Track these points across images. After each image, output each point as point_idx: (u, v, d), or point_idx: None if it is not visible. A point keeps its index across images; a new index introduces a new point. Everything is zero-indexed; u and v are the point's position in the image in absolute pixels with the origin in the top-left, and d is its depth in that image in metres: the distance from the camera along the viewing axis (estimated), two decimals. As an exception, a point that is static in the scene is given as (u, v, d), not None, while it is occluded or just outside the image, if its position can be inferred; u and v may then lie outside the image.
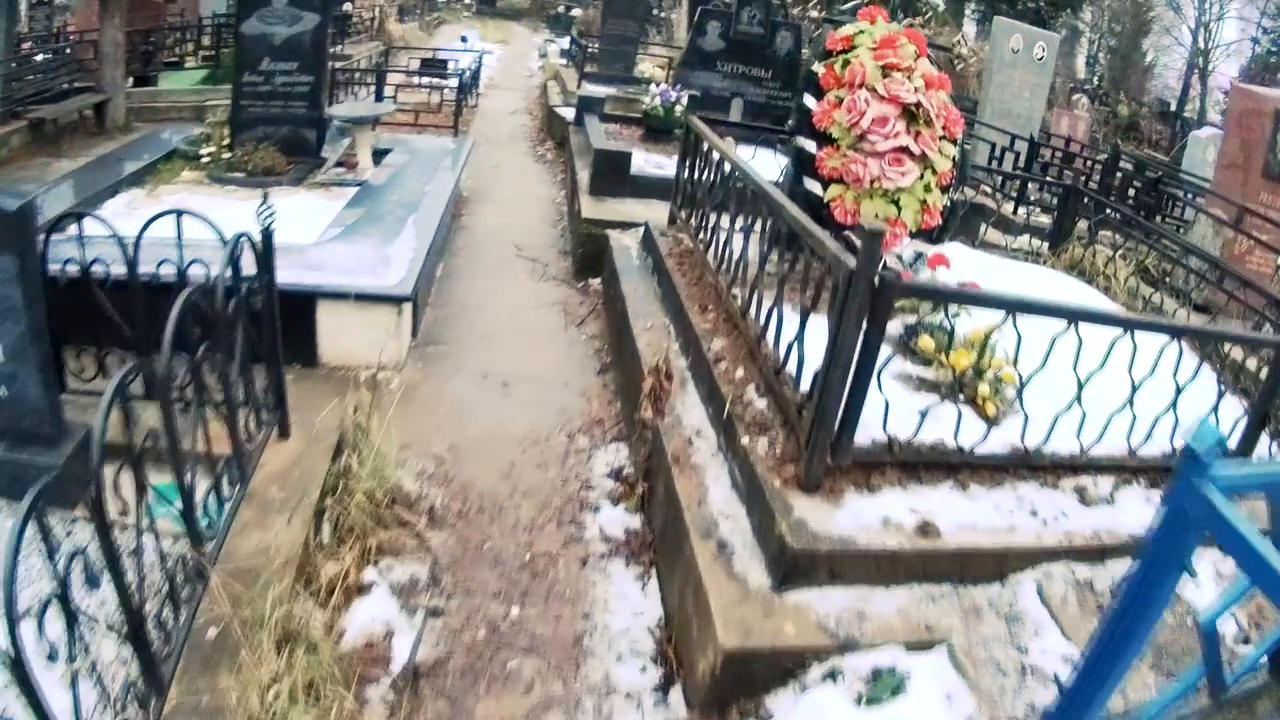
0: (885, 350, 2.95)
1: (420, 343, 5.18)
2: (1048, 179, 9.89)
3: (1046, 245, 7.10)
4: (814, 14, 12.46)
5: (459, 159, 7.76)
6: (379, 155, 7.55)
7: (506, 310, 5.82)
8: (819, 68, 4.67)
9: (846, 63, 4.49)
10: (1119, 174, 9.42)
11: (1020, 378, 3.29)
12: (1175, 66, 35.59)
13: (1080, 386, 3.21)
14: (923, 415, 3.20)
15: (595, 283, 6.28)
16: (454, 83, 9.84)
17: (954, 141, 4.55)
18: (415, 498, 3.81)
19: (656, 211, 6.36)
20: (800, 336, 3.26)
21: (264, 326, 3.43)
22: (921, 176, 4.38)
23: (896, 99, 4.27)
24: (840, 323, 2.85)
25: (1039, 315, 3.10)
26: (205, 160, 6.99)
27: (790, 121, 9.42)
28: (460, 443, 4.24)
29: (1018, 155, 9.64)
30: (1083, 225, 6.86)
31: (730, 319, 4.24)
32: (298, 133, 7.21)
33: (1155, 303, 6.07)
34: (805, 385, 3.19)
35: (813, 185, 4.62)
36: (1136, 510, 3.39)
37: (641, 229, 6.05)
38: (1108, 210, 7.24)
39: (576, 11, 25.60)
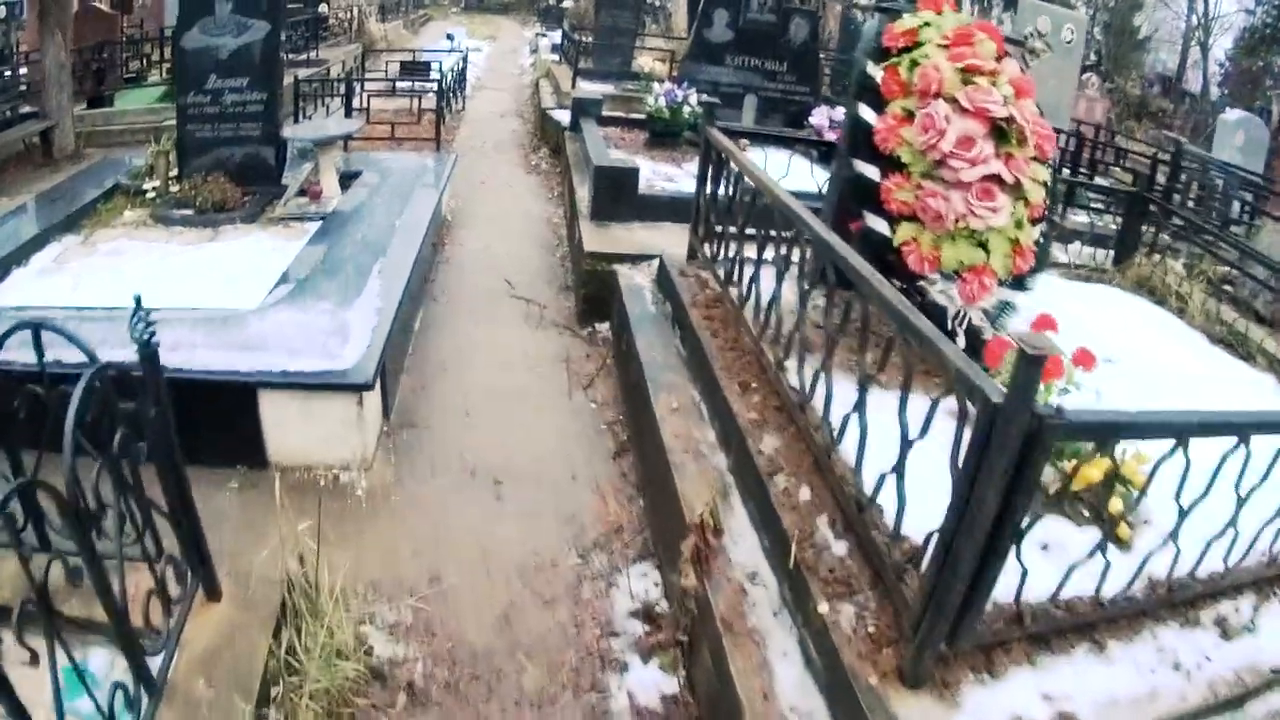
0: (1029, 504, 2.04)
1: (394, 425, 4.26)
2: (1110, 187, 8.90)
3: (1110, 259, 6.16)
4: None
5: (440, 179, 6.82)
6: (348, 179, 6.64)
7: (498, 370, 4.90)
8: (876, 70, 3.72)
9: (914, 64, 3.54)
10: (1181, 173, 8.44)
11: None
12: (1168, 39, 34.39)
13: (1240, 504, 2.45)
14: (1069, 572, 2.32)
15: (603, 328, 5.36)
16: (438, 87, 8.83)
17: (1045, 163, 3.59)
18: (389, 667, 2.89)
19: (670, 238, 5.45)
20: (901, 470, 2.32)
21: (164, 471, 2.49)
22: (1013, 210, 3.43)
23: (984, 113, 3.32)
24: (977, 475, 1.93)
25: (1217, 435, 2.28)
26: (151, 196, 6.09)
27: (802, 126, 8.50)
28: (444, 573, 3.33)
29: (1063, 153, 8.66)
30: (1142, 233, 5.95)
31: (782, 404, 3.31)
32: (252, 158, 6.35)
33: (1239, 328, 5.12)
34: (904, 527, 2.30)
35: (877, 222, 3.68)
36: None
37: (655, 263, 5.12)
38: (1173, 218, 6.31)
39: (568, 3, 24.51)
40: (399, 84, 10.45)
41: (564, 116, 9.28)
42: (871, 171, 3.72)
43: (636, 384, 4.13)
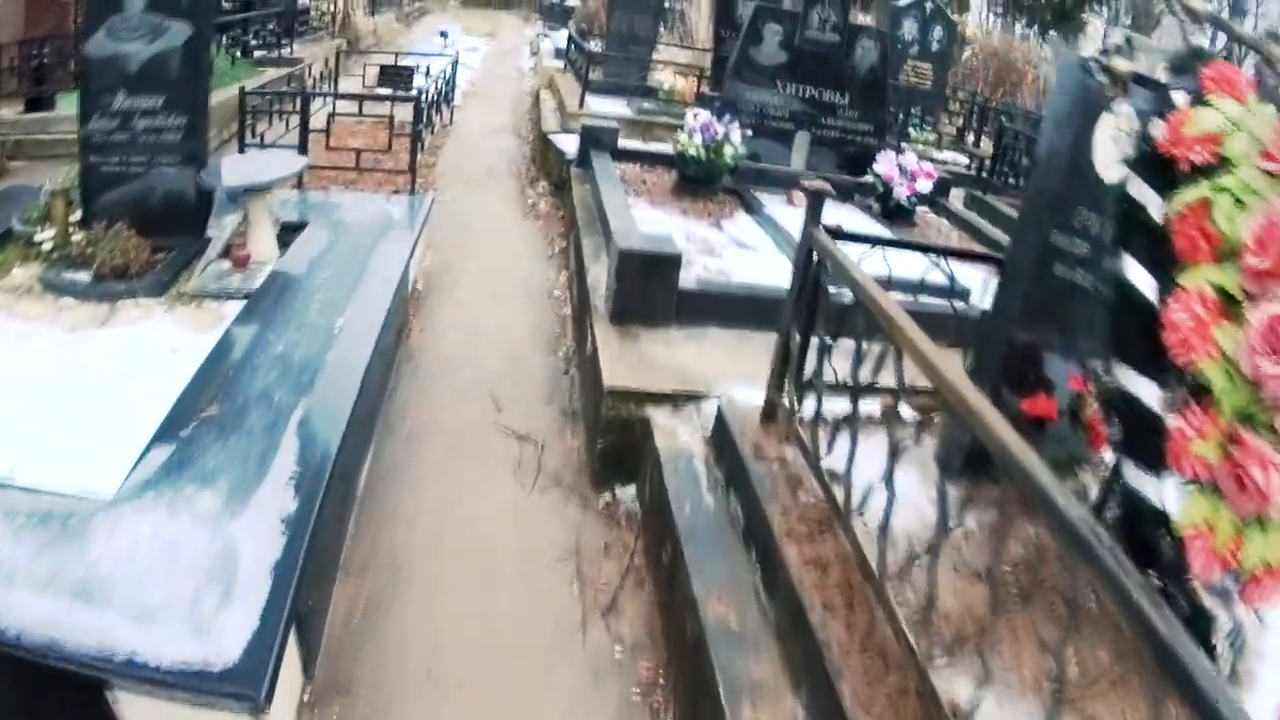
0: None
1: (318, 691, 2.57)
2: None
3: None
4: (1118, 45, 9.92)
5: (409, 235, 5.11)
6: (291, 231, 4.98)
7: (478, 580, 3.18)
8: (1160, 209, 2.02)
9: (1238, 201, 1.84)
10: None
11: None
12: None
13: None
14: None
15: (625, 495, 3.64)
16: (415, 105, 7.04)
17: None
18: None
19: (723, 355, 3.85)
20: None
21: None
22: None
23: None
24: None
25: None
26: (48, 248, 4.50)
27: (862, 172, 6.73)
28: None
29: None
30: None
31: None
32: (169, 202, 4.73)
33: None
34: None
35: (1154, 484, 1.99)
36: None
37: (707, 408, 3.43)
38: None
39: (573, 1, 22.74)
40: (374, 96, 8.67)
41: (569, 144, 7.57)
42: (1145, 390, 2.03)
43: (695, 655, 2.44)
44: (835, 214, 6.13)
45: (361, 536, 3.30)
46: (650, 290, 4.02)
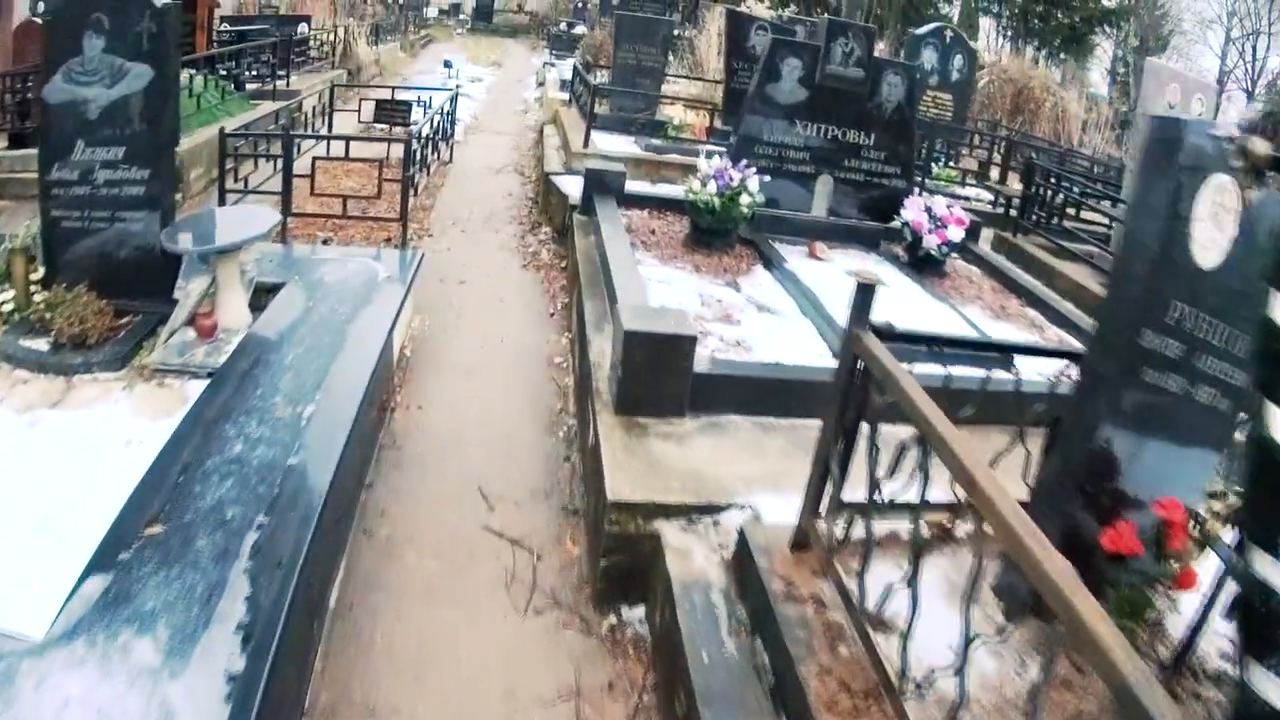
0: None
1: None
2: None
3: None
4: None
5: (394, 298, 4.67)
6: (266, 293, 4.56)
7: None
8: None
9: None
10: None
11: None
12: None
13: None
14: None
15: (633, 618, 3.16)
16: (406, 149, 6.60)
17: None
18: None
19: (743, 450, 3.39)
20: None
21: None
22: None
23: None
24: None
25: None
26: (7, 309, 4.19)
27: (887, 219, 6.26)
28: None
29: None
30: None
31: None
32: (134, 262, 4.33)
33: None
34: None
35: None
36: None
37: (726, 523, 2.97)
38: None
39: (580, 29, 22.46)
40: (362, 137, 8.26)
41: (572, 187, 7.14)
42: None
43: None
44: (860, 264, 5.71)
45: (330, 674, 2.83)
46: (660, 377, 3.55)
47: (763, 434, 3.67)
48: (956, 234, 6.16)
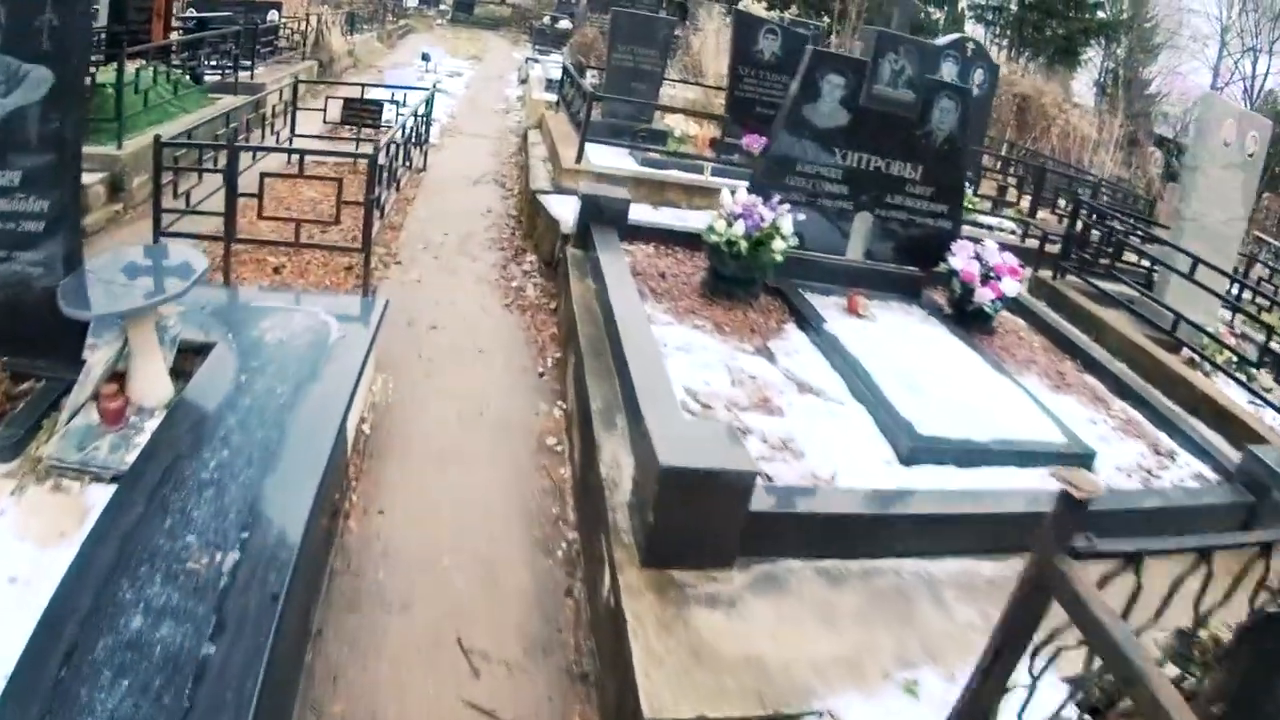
0: None
1: None
2: None
3: None
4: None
5: (353, 365, 3.69)
6: (193, 354, 3.62)
7: None
8: None
9: None
10: None
11: None
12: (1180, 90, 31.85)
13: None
14: None
15: None
16: (372, 165, 5.52)
17: None
18: None
19: (812, 617, 2.56)
20: None
21: None
22: None
23: None
24: None
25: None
26: None
27: (933, 264, 5.36)
28: None
29: None
30: None
31: None
32: (34, 315, 3.38)
33: None
34: None
35: None
36: None
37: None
38: None
39: (565, 24, 21.42)
40: (320, 151, 7.21)
41: (564, 210, 6.18)
42: None
43: None
44: (898, 320, 4.84)
45: None
46: (705, 521, 2.60)
47: (830, 588, 2.74)
48: (1012, 287, 5.28)
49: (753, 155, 9.01)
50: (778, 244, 4.68)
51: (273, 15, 13.27)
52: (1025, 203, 10.15)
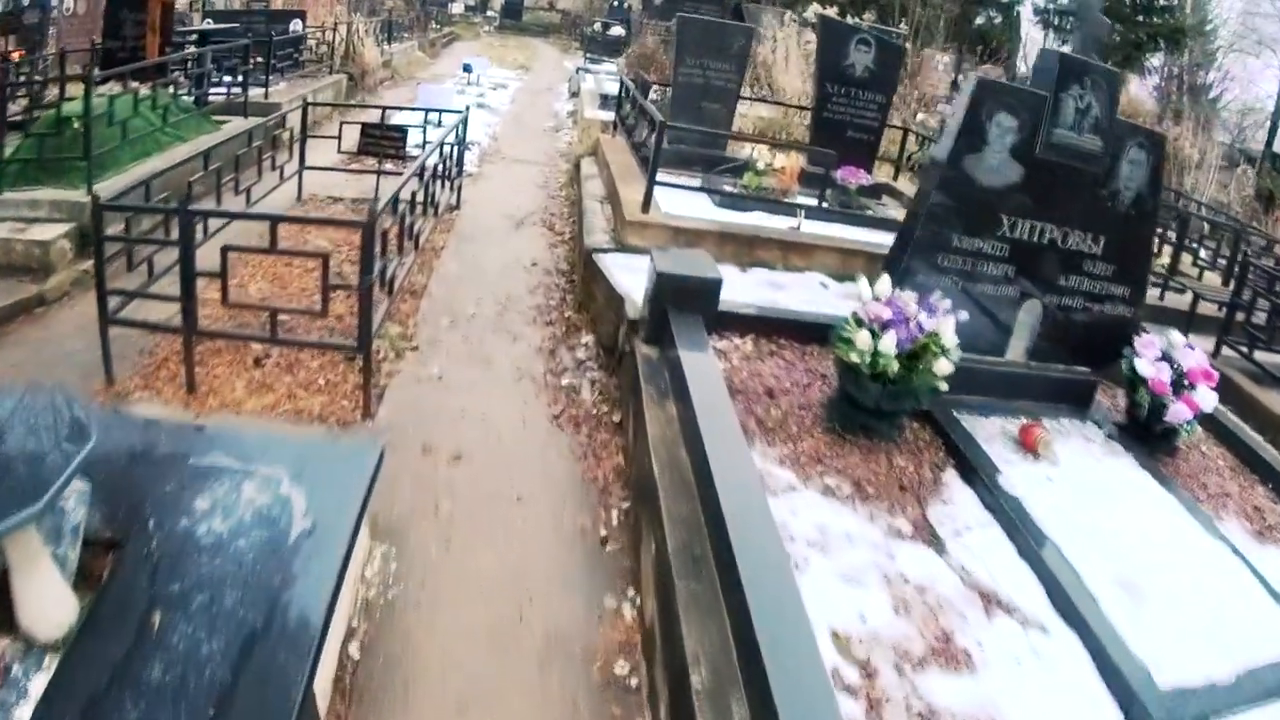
0: None
1: None
2: None
3: None
4: None
5: (331, 564, 2.43)
6: (104, 549, 2.33)
7: None
8: None
9: None
10: None
11: None
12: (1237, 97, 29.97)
13: None
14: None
15: None
16: (366, 239, 4.19)
17: None
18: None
19: None
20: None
21: None
22: None
23: None
24: None
25: None
26: None
27: (1109, 361, 4.01)
28: None
29: None
30: None
31: None
32: None
33: None
34: None
35: None
36: None
37: None
38: None
39: (618, 30, 20.17)
40: (297, 219, 5.87)
41: (628, 279, 4.89)
42: None
43: None
44: (1081, 456, 3.61)
45: None
46: None
47: None
48: (1209, 399, 3.92)
49: (849, 190, 7.68)
50: (942, 365, 3.32)
51: (295, 25, 12.17)
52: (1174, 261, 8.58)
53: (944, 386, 3.39)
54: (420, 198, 5.51)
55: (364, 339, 3.89)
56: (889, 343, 3.28)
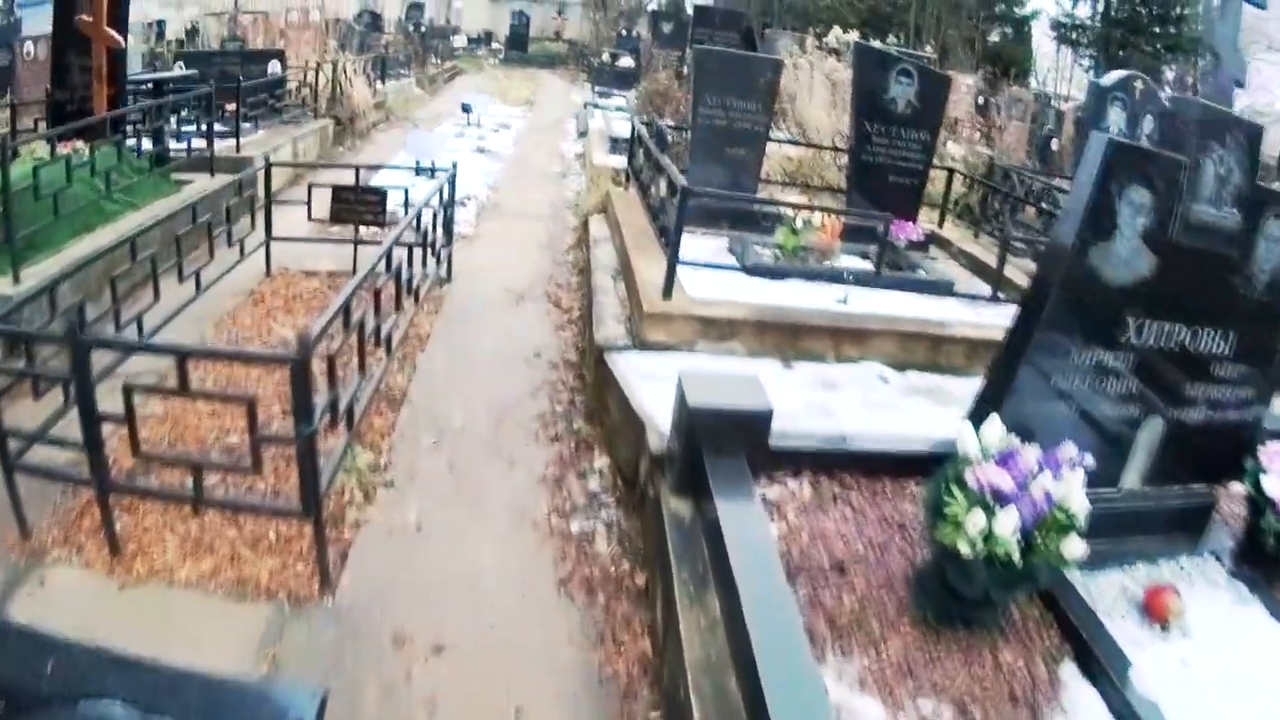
0: None
1: None
2: None
3: None
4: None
5: None
6: None
7: None
8: None
9: None
10: None
11: None
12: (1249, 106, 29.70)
13: None
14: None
15: None
16: (311, 369, 3.44)
17: None
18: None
19: None
20: None
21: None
22: None
23: None
24: None
25: None
26: None
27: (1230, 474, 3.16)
28: None
29: None
30: None
31: None
32: None
33: None
34: None
35: None
36: None
37: None
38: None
39: (627, 61, 19.56)
40: (220, 354, 4.97)
41: (650, 396, 4.10)
42: None
43: None
44: (1212, 620, 2.89)
45: None
46: None
47: None
48: None
49: (897, 248, 6.90)
50: (1073, 546, 2.52)
51: (274, 67, 11.54)
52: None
53: (1069, 564, 2.58)
54: (392, 290, 4.74)
55: (309, 503, 3.12)
56: (1008, 524, 2.48)
